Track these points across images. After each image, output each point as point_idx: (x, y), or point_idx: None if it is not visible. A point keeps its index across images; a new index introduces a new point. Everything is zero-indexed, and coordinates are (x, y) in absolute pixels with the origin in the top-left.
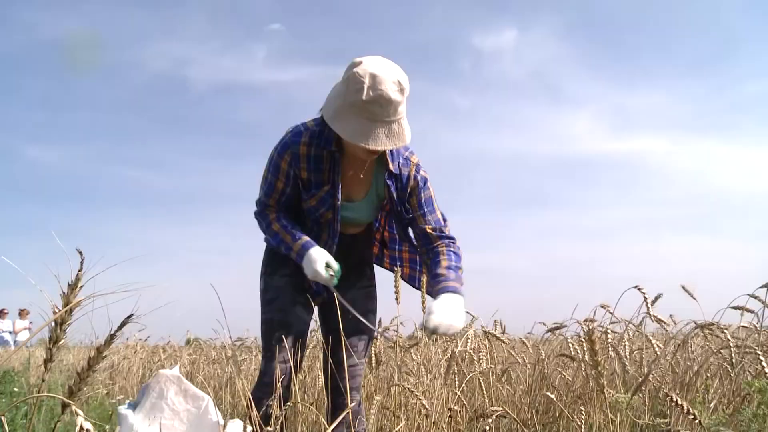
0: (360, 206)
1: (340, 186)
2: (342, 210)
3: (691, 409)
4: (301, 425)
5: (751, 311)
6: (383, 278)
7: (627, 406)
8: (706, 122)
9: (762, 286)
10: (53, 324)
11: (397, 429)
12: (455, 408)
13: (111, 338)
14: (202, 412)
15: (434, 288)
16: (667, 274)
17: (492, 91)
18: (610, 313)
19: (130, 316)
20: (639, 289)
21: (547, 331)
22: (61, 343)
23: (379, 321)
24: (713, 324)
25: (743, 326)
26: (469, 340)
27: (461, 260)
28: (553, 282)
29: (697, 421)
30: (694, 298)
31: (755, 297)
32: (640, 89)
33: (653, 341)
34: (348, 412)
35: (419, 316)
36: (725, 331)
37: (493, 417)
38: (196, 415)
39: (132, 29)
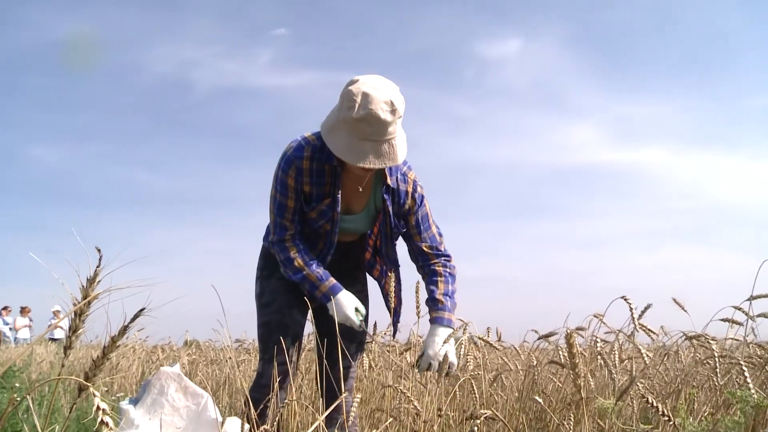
0: (358, 218)
1: (339, 200)
2: (341, 222)
3: (666, 411)
4: (297, 426)
5: (739, 323)
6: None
7: (612, 411)
8: (707, 134)
9: (747, 299)
10: (73, 315)
11: (385, 424)
12: (449, 413)
13: (125, 329)
14: (201, 408)
15: (431, 314)
16: (665, 284)
17: (495, 99)
18: (602, 322)
19: (142, 309)
20: (625, 300)
21: (538, 339)
22: (80, 331)
23: (374, 324)
24: (701, 335)
25: (734, 338)
26: (462, 346)
27: (455, 282)
28: (552, 291)
29: (671, 422)
30: (685, 310)
31: (740, 309)
32: (642, 100)
33: (643, 351)
34: (342, 411)
35: (413, 319)
36: (710, 342)
37: (482, 418)
38: (195, 412)
39: (136, 31)
